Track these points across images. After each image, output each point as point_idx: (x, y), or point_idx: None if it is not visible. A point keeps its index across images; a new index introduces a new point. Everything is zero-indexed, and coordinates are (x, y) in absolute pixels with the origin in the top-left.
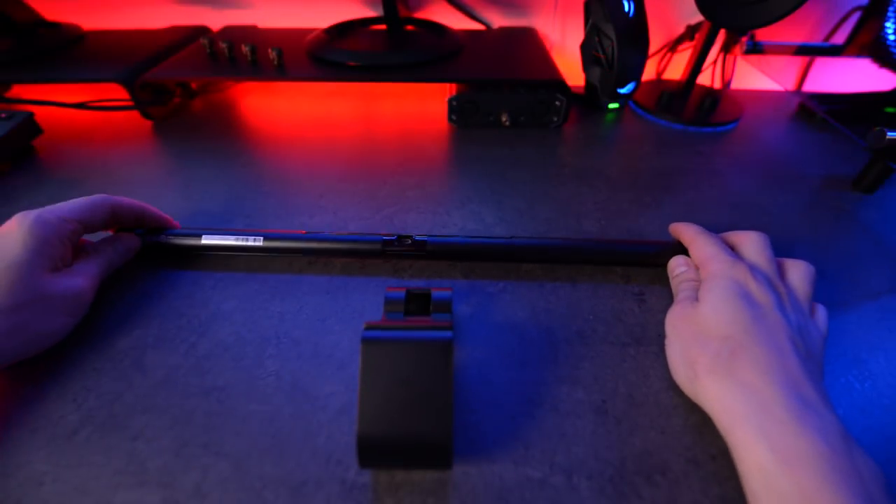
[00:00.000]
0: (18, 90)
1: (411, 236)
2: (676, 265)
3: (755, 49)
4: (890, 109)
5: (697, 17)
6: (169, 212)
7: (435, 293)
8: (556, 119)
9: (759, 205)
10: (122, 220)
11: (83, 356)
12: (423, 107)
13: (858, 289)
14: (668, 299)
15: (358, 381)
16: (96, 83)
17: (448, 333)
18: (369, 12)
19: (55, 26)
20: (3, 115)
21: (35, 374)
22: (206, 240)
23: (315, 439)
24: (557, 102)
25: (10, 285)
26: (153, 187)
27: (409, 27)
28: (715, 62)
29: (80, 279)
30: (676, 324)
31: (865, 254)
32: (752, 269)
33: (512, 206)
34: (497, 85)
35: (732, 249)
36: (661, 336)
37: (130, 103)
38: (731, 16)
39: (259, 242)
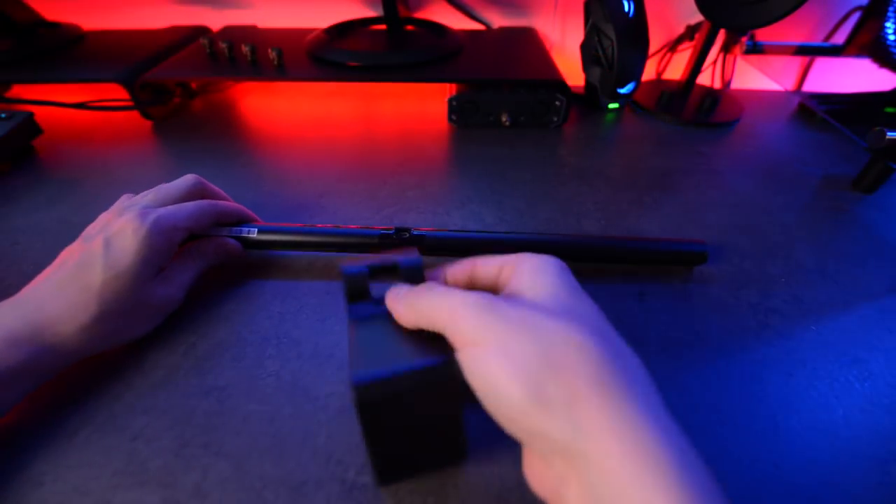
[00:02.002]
0: (18, 90)
1: (409, 230)
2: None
3: (755, 49)
4: (890, 109)
5: (697, 17)
6: None
7: (403, 261)
8: (556, 119)
9: (759, 205)
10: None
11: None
12: (423, 107)
13: (858, 289)
14: (669, 299)
15: (361, 431)
16: (96, 83)
17: (443, 358)
18: (369, 12)
19: (55, 26)
20: (4, 115)
21: None
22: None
23: (315, 439)
24: (557, 102)
25: (117, 293)
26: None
27: (409, 27)
28: (715, 62)
29: (175, 290)
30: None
31: (865, 254)
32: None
33: (512, 206)
34: (497, 85)
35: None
36: (661, 336)
37: (130, 103)
38: (731, 16)
39: (253, 234)
